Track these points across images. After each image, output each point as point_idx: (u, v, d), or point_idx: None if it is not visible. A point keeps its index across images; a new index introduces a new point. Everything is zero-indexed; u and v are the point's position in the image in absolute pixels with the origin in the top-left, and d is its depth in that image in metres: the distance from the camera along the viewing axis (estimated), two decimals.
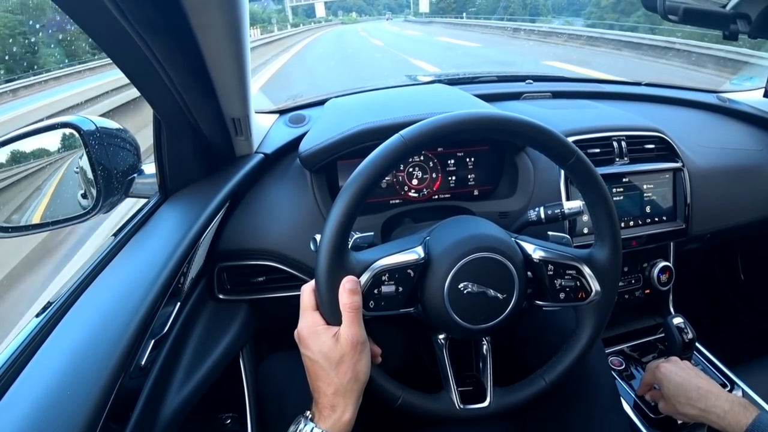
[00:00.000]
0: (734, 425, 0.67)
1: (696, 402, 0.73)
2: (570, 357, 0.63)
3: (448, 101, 0.99)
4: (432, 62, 10.76)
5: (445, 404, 0.61)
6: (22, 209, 0.75)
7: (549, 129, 0.57)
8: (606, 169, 0.95)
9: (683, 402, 0.75)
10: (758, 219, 1.10)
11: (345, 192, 0.53)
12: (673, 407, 0.77)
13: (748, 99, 1.25)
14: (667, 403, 0.78)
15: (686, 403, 0.74)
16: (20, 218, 0.74)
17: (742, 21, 0.82)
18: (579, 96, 1.22)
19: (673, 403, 0.77)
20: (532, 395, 0.62)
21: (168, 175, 0.75)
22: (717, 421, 0.70)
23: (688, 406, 0.74)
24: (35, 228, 0.73)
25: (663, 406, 0.81)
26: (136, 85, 0.61)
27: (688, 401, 0.74)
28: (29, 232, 0.71)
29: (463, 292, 0.57)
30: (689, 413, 0.74)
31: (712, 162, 1.06)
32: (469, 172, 0.92)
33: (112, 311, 0.54)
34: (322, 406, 0.52)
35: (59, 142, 0.73)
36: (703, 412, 0.72)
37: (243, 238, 0.81)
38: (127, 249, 0.67)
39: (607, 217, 0.60)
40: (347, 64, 13.08)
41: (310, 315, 0.55)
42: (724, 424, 0.68)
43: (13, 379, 0.47)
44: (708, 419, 0.71)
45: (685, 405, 0.74)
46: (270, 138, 0.92)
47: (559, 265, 0.61)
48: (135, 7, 0.46)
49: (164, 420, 0.59)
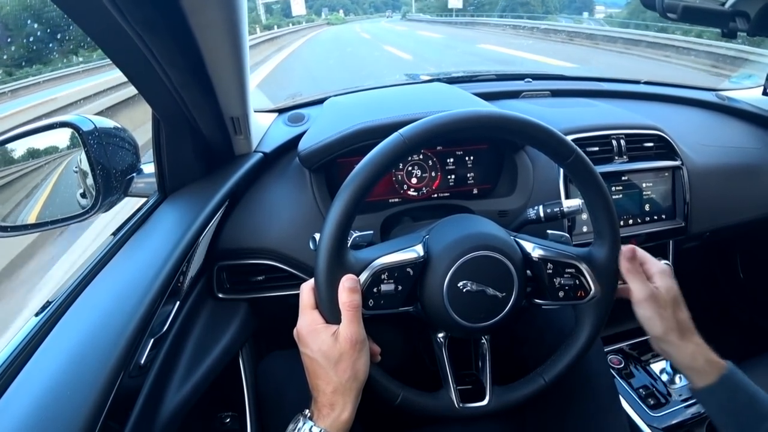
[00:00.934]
0: (706, 373, 0.58)
1: (687, 325, 0.60)
2: (569, 355, 0.63)
3: (447, 100, 0.99)
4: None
5: (445, 403, 0.61)
6: (20, 208, 0.75)
7: (548, 127, 0.57)
8: (605, 168, 0.95)
9: (672, 316, 0.59)
10: (757, 217, 1.10)
11: (344, 191, 0.53)
12: (656, 314, 0.59)
13: (747, 97, 1.25)
14: (653, 304, 0.59)
15: (678, 318, 0.59)
16: (19, 217, 0.74)
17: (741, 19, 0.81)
18: (578, 94, 1.22)
19: (660, 310, 0.59)
20: (531, 394, 0.62)
21: (167, 174, 0.75)
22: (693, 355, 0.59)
23: (676, 323, 0.59)
24: (34, 227, 0.73)
25: (644, 308, 0.60)
26: (135, 85, 0.61)
27: (681, 320, 0.60)
28: (28, 231, 0.72)
29: (462, 291, 0.57)
30: (668, 336, 0.59)
31: (712, 160, 1.06)
32: (469, 171, 0.92)
33: (112, 310, 0.54)
34: (321, 405, 0.52)
35: (58, 142, 0.73)
36: (686, 346, 0.59)
37: (242, 237, 0.81)
38: (127, 248, 0.67)
39: (607, 215, 0.60)
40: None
41: (310, 314, 0.55)
42: (697, 366, 0.59)
43: (13, 379, 0.47)
44: (681, 352, 0.59)
45: (673, 320, 0.59)
46: (269, 137, 0.92)
47: (558, 264, 0.61)
48: (134, 6, 0.46)
49: (164, 419, 0.59)
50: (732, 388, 0.57)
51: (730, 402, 0.56)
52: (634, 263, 0.60)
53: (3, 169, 0.72)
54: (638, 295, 0.59)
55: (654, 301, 0.59)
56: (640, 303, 0.60)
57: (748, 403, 0.56)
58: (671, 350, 0.60)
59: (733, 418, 0.56)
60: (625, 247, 0.61)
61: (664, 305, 0.59)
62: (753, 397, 0.56)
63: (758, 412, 0.55)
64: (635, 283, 0.59)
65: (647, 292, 0.59)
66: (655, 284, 0.60)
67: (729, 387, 0.57)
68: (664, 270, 0.62)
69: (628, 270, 0.60)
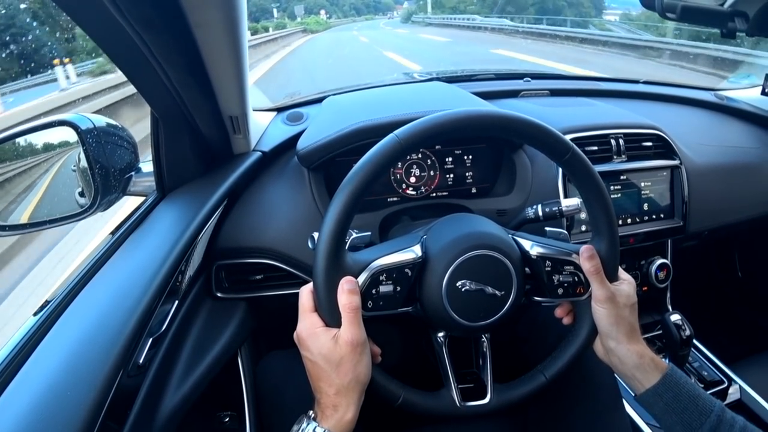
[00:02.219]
0: (651, 372, 0.59)
1: (636, 328, 0.61)
2: (569, 352, 0.63)
3: (446, 99, 0.99)
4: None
5: (446, 402, 0.61)
6: (18, 207, 0.75)
7: (544, 125, 0.57)
8: (604, 167, 0.95)
9: (627, 319, 0.60)
10: (755, 216, 1.11)
11: (341, 192, 0.52)
12: (613, 313, 0.60)
13: (746, 97, 1.26)
14: (611, 304, 0.60)
15: (630, 321, 0.60)
16: (18, 216, 0.74)
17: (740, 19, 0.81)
18: (577, 94, 1.22)
19: (617, 311, 0.60)
20: (532, 391, 0.62)
21: (165, 173, 0.75)
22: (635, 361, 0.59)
23: (628, 324, 0.60)
24: (32, 226, 0.73)
25: (603, 306, 0.60)
26: (134, 83, 0.61)
27: (633, 324, 0.61)
28: (26, 230, 0.71)
29: (461, 290, 0.57)
30: (619, 335, 0.60)
31: (710, 159, 1.07)
32: (467, 170, 0.92)
33: (110, 309, 0.54)
34: (324, 406, 0.52)
35: (56, 140, 0.73)
36: (634, 344, 0.60)
37: (241, 236, 0.81)
38: (125, 247, 0.67)
39: (604, 212, 0.60)
40: None
41: (309, 317, 0.55)
42: (644, 365, 0.59)
43: (11, 378, 0.47)
44: (630, 352, 0.60)
45: (626, 322, 0.60)
46: (268, 136, 0.92)
47: (556, 261, 0.61)
48: (133, 5, 0.46)
49: (162, 418, 0.59)
50: (675, 386, 0.58)
51: (675, 401, 0.58)
52: (594, 262, 0.60)
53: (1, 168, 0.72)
54: (599, 294, 0.60)
55: (612, 302, 0.60)
56: (600, 302, 0.60)
57: (691, 401, 0.57)
58: (620, 350, 0.61)
59: (678, 416, 0.57)
60: (583, 247, 0.61)
61: (622, 307, 0.60)
62: (694, 395, 0.58)
63: (700, 408, 0.57)
64: (596, 283, 0.60)
65: (608, 293, 0.60)
66: (618, 287, 0.62)
67: (672, 385, 0.58)
68: (630, 280, 0.64)
69: (589, 271, 0.60)
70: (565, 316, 0.66)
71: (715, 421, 0.55)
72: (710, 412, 0.56)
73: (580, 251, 0.61)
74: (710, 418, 0.56)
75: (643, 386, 0.60)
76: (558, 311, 0.66)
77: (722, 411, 0.57)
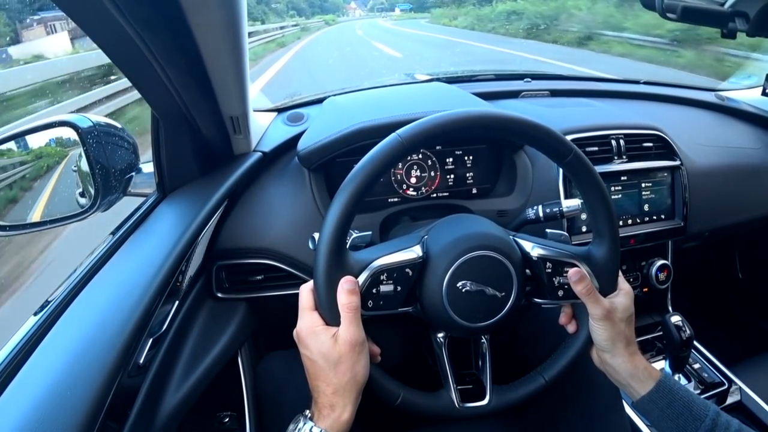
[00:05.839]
0: (645, 379, 0.60)
1: (632, 338, 0.61)
2: (569, 354, 0.63)
3: (446, 100, 0.99)
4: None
5: (445, 402, 0.61)
6: (20, 208, 0.75)
7: (546, 126, 0.57)
8: (604, 168, 0.95)
9: (623, 330, 0.60)
10: (756, 217, 1.11)
11: (342, 192, 0.52)
12: (610, 327, 0.60)
13: (746, 97, 1.25)
14: (608, 321, 0.60)
15: (626, 332, 0.61)
16: (19, 216, 0.74)
17: (741, 19, 0.82)
18: (577, 94, 1.22)
19: (613, 324, 0.60)
20: (532, 393, 0.62)
21: (166, 173, 0.75)
22: (630, 370, 0.60)
23: (625, 336, 0.61)
24: (33, 226, 0.72)
25: (601, 324, 0.60)
26: (134, 84, 0.61)
27: (629, 334, 0.61)
28: (27, 230, 0.71)
29: (461, 291, 0.57)
30: (616, 345, 0.60)
31: (711, 160, 1.07)
32: (468, 171, 0.92)
33: (110, 310, 0.54)
34: (322, 406, 0.52)
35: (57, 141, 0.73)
36: (629, 355, 0.61)
37: (241, 236, 0.81)
38: (125, 247, 0.67)
39: (605, 214, 0.60)
40: None
41: (309, 315, 0.55)
42: (638, 372, 0.60)
43: (12, 378, 0.47)
44: (626, 360, 0.60)
45: (623, 333, 0.60)
46: (268, 136, 0.92)
47: (557, 263, 0.61)
48: (134, 5, 0.46)
49: (162, 418, 0.59)
50: (668, 392, 0.59)
51: (670, 407, 0.58)
52: (584, 283, 0.60)
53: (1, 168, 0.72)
54: (595, 313, 0.60)
55: (609, 319, 0.60)
56: (596, 320, 0.61)
57: (685, 406, 0.58)
58: (616, 359, 0.61)
59: (674, 422, 0.58)
60: (571, 270, 0.60)
61: (618, 322, 0.61)
62: (688, 401, 0.58)
63: (695, 414, 0.57)
64: (591, 303, 0.60)
65: (603, 311, 0.60)
66: (614, 300, 0.61)
67: (666, 392, 0.59)
68: (627, 290, 0.63)
69: (581, 293, 0.60)
70: (569, 324, 0.66)
71: (709, 425, 0.56)
72: (705, 416, 0.57)
73: (569, 275, 0.60)
74: (705, 423, 0.56)
75: (638, 393, 0.61)
76: (562, 319, 0.66)
77: (717, 415, 0.57)
